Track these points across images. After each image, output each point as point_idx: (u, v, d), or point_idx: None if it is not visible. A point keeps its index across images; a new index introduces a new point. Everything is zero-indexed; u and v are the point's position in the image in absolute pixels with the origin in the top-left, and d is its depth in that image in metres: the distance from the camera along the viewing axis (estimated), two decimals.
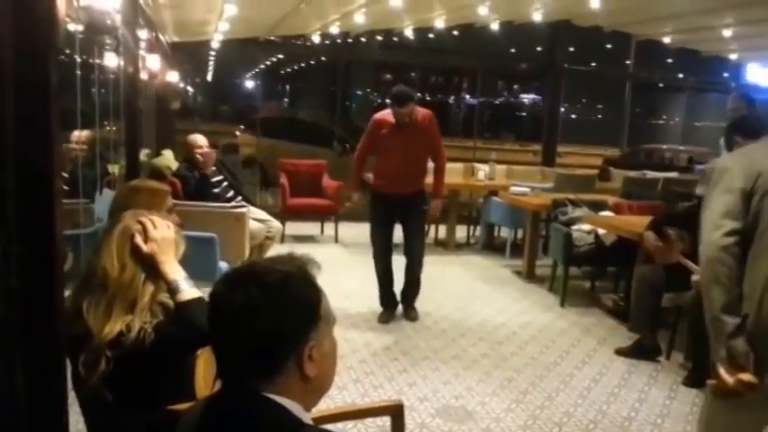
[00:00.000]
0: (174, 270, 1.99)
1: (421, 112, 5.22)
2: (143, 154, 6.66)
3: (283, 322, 1.26)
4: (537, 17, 7.29)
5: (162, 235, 2.02)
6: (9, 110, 1.84)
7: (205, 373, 2.07)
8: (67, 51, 4.39)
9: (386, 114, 5.26)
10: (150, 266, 2.00)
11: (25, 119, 1.88)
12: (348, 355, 4.64)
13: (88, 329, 1.90)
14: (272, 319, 1.24)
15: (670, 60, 15.99)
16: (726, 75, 13.44)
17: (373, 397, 4.03)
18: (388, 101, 5.29)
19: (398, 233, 5.54)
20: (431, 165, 5.53)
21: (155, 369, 1.94)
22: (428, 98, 21.21)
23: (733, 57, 9.47)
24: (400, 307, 5.61)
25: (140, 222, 2.04)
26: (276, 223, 6.39)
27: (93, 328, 1.90)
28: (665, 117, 26.29)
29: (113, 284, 1.95)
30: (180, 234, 2.13)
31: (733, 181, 2.29)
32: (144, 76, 6.36)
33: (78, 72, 4.35)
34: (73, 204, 4.33)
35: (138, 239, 2.01)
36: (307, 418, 1.30)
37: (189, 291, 1.96)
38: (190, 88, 17.19)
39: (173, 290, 1.96)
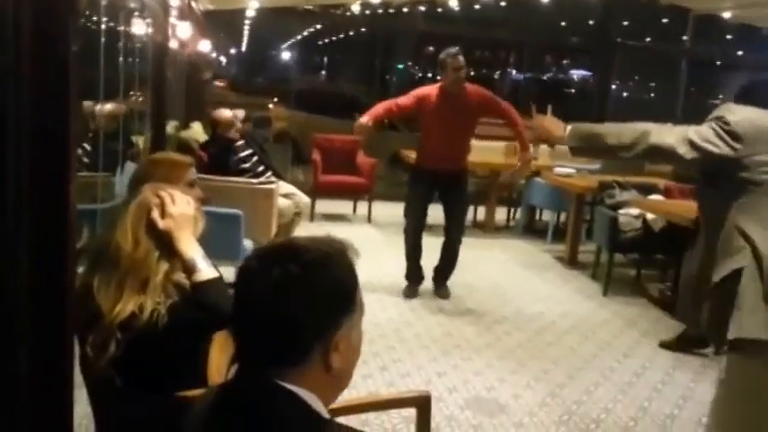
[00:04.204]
0: (191, 248, 1.88)
1: (469, 86, 5.13)
2: (171, 126, 6.50)
3: (320, 305, 1.17)
4: None
5: (180, 211, 1.91)
6: (25, 73, 1.74)
7: (218, 359, 2.00)
8: (94, 18, 4.25)
9: (431, 89, 5.19)
10: (166, 243, 1.88)
11: (41, 84, 1.78)
12: (376, 340, 4.46)
13: (98, 309, 1.80)
14: (308, 299, 1.15)
15: (729, 37, 15.31)
16: None
17: (400, 386, 3.87)
18: (438, 68, 5.21)
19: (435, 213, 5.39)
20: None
21: (167, 353, 1.84)
22: (472, 72, 20.71)
23: None
24: (431, 285, 5.45)
25: (159, 197, 1.92)
26: (304, 198, 6.17)
27: (104, 307, 1.80)
28: (722, 97, 25.32)
29: (126, 261, 1.85)
30: (200, 210, 2.02)
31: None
32: (174, 44, 6.16)
33: (103, 39, 4.20)
34: (92, 177, 4.21)
35: (155, 214, 1.89)
36: (324, 412, 1.21)
37: (207, 270, 1.85)
38: (223, 58, 17.12)
39: (189, 269, 1.86)
